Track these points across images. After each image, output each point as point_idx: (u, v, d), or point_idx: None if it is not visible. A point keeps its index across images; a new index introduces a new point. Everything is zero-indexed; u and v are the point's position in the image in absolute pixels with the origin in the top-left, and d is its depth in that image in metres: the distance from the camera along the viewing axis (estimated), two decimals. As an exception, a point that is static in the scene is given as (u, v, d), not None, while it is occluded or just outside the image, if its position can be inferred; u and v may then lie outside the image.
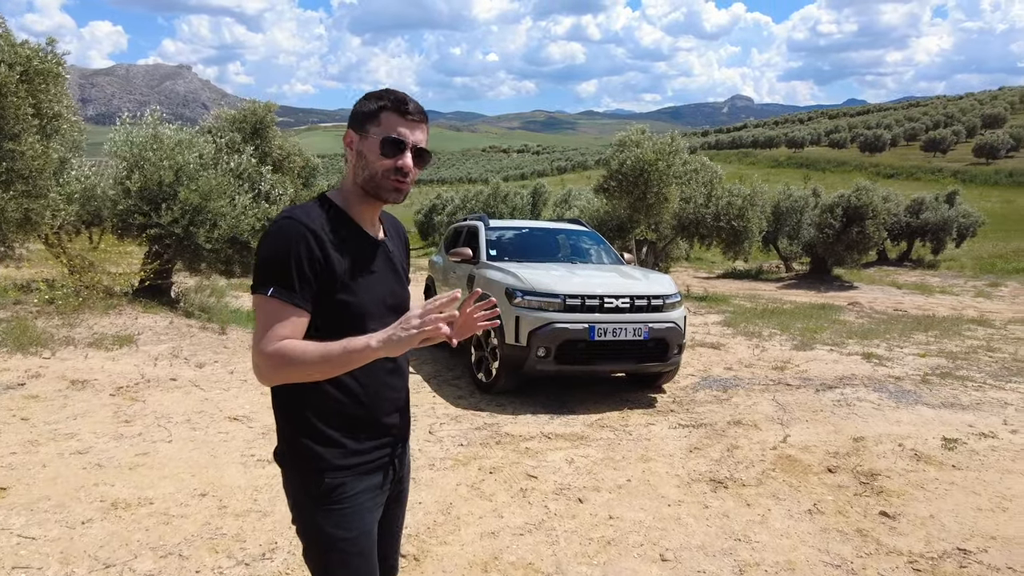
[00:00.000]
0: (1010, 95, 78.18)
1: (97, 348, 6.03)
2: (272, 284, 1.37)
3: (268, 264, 1.39)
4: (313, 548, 1.49)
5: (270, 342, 1.34)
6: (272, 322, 1.36)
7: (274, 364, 1.34)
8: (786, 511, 3.52)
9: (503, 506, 3.41)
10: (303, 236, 1.39)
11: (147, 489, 3.34)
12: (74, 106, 8.29)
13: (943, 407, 5.50)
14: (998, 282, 18.61)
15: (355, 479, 1.47)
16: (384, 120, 1.47)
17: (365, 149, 1.48)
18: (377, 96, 1.50)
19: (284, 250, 1.38)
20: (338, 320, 1.42)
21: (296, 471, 1.48)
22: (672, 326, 5.31)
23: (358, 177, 1.49)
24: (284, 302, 1.36)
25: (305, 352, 1.34)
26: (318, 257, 1.40)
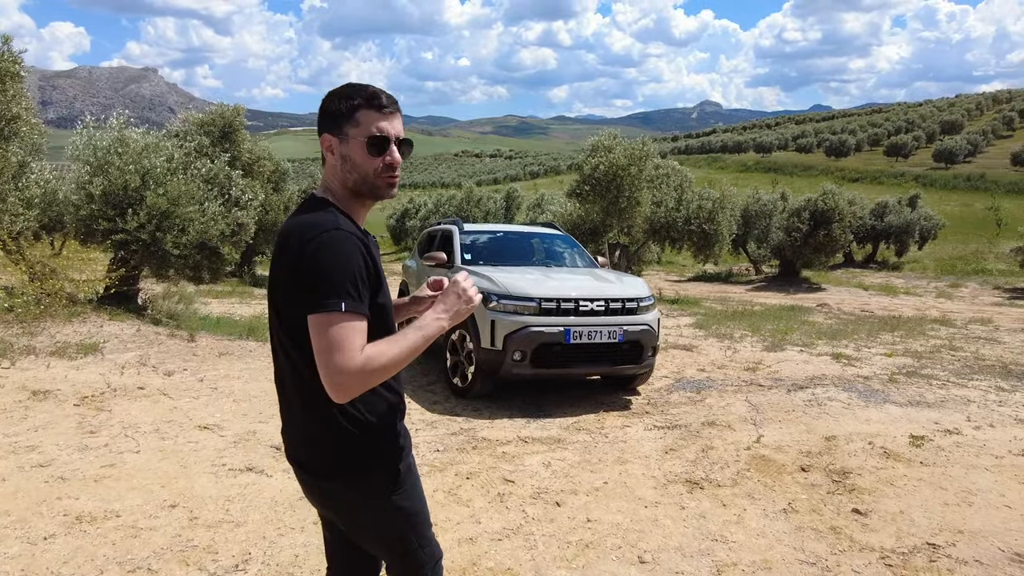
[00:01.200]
0: (967, 102, 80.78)
1: (60, 357, 5.86)
2: (344, 298, 1.34)
3: (334, 278, 1.35)
4: (398, 538, 1.55)
5: (355, 355, 1.33)
6: (350, 335, 1.33)
7: (366, 375, 1.33)
8: (761, 510, 3.55)
9: (480, 511, 3.39)
10: (357, 246, 1.39)
11: (114, 502, 3.24)
12: (34, 108, 8.06)
13: (910, 405, 5.62)
14: (958, 283, 19.16)
15: (408, 455, 1.59)
16: (362, 119, 1.45)
17: (349, 152, 1.46)
18: (347, 95, 1.47)
19: (345, 262, 1.36)
20: (377, 321, 1.44)
21: (367, 473, 1.50)
22: (646, 328, 5.34)
23: (347, 181, 1.48)
24: (356, 313, 1.35)
25: (390, 353, 1.36)
26: (370, 264, 1.42)
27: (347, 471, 1.50)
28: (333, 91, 1.49)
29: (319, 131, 1.50)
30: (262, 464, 3.86)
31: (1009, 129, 63.63)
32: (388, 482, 1.52)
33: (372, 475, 1.51)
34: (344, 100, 1.46)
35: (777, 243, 18.87)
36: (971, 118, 70.35)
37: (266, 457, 3.98)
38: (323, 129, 1.49)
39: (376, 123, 1.45)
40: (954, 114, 69.21)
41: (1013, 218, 28.72)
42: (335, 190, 1.50)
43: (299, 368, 1.46)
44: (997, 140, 59.65)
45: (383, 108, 1.46)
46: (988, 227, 30.33)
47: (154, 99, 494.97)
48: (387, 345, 1.37)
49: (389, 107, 1.48)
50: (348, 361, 1.31)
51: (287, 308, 1.43)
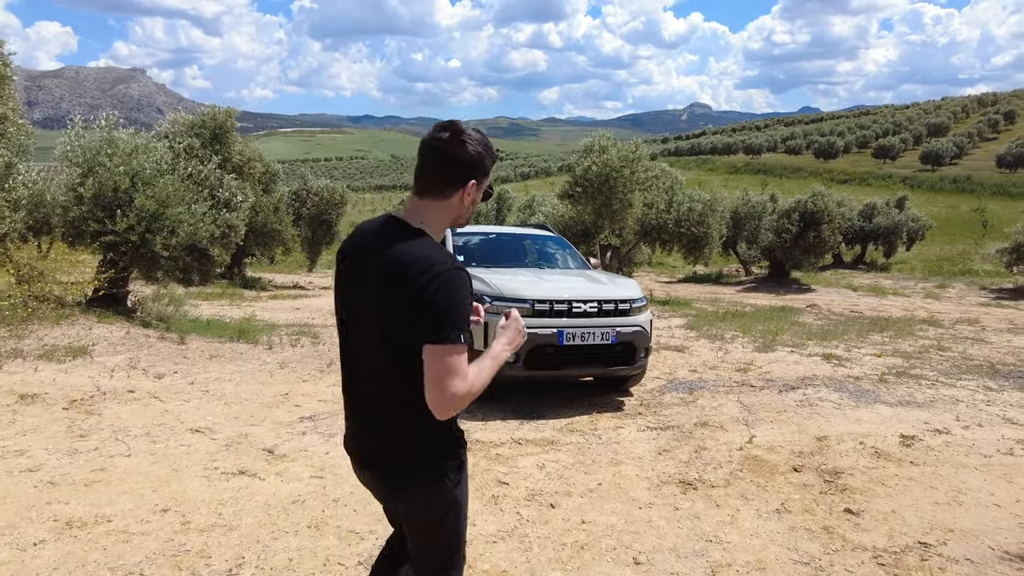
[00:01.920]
0: (952, 105, 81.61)
1: (48, 360, 5.80)
2: (459, 330, 1.51)
3: (456, 313, 1.52)
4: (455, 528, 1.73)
5: (466, 381, 1.52)
6: (463, 364, 1.51)
7: (469, 398, 1.54)
8: (755, 511, 3.57)
9: (475, 514, 3.38)
10: (467, 282, 1.58)
11: (104, 506, 3.20)
12: (20, 109, 7.98)
13: (900, 405, 5.67)
14: (945, 283, 19.35)
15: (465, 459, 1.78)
16: (489, 169, 1.68)
17: (476, 196, 1.67)
18: (491, 151, 1.68)
19: (464, 299, 1.55)
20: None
21: (439, 469, 1.68)
22: (639, 330, 5.36)
23: (459, 219, 1.69)
24: (465, 344, 1.53)
25: (481, 379, 1.57)
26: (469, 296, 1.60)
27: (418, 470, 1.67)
28: (479, 140, 1.64)
29: (464, 175, 1.62)
30: (255, 467, 3.83)
31: (994, 131, 64.32)
32: (456, 476, 1.71)
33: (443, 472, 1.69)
34: (485, 155, 1.65)
35: (767, 244, 18.99)
36: (957, 120, 71.08)
37: (259, 460, 3.95)
38: (472, 175, 1.63)
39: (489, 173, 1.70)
40: (940, 116, 69.90)
41: (998, 219, 29.03)
42: (438, 223, 1.65)
43: (396, 382, 1.61)
44: (982, 142, 60.29)
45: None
46: (974, 228, 30.66)
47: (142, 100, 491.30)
48: (477, 371, 1.56)
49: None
50: (461, 387, 1.51)
51: (399, 332, 1.56)
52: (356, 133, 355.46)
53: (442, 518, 1.72)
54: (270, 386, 5.80)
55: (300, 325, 9.11)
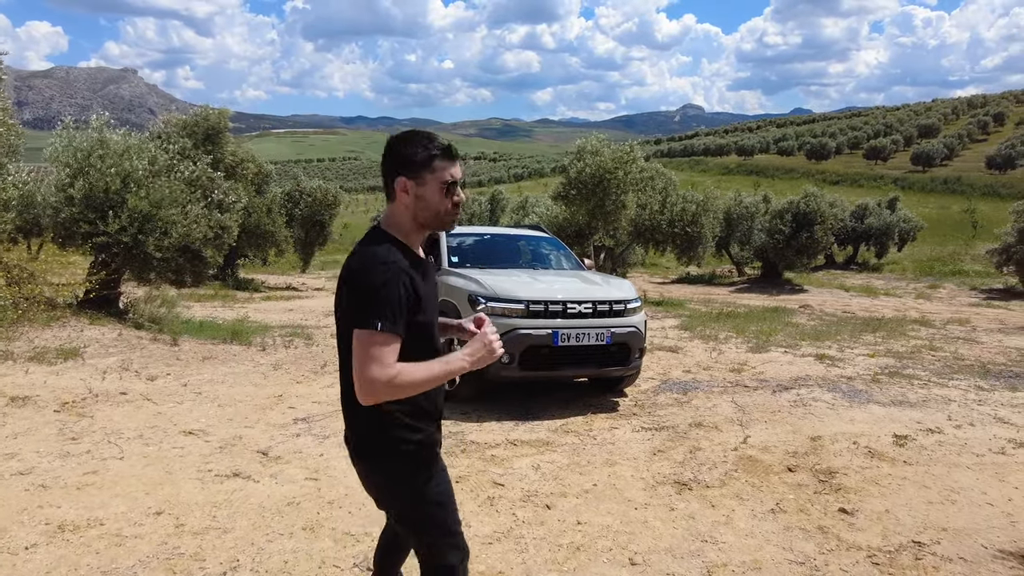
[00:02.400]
0: (943, 107, 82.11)
1: (39, 362, 5.75)
2: (382, 319, 1.60)
3: (379, 302, 1.62)
4: (428, 517, 1.80)
5: (387, 369, 1.59)
6: (385, 352, 1.60)
7: (392, 388, 1.60)
8: (750, 511, 3.58)
9: (471, 515, 3.37)
10: (401, 278, 1.64)
11: (97, 509, 3.18)
12: (10, 108, 7.92)
13: (893, 405, 5.70)
14: (936, 284, 19.48)
15: (438, 454, 1.84)
16: (438, 166, 1.72)
17: (425, 193, 1.72)
18: (423, 144, 1.73)
19: (392, 293, 1.62)
20: (417, 336, 1.70)
21: (403, 460, 1.76)
22: (634, 330, 5.36)
23: (419, 216, 1.74)
24: (390, 333, 1.61)
25: (415, 375, 1.63)
26: (410, 292, 1.67)
27: (380, 460, 1.76)
28: (408, 138, 1.74)
29: (392, 173, 1.73)
30: (249, 470, 3.81)
31: (984, 133, 64.77)
32: (423, 470, 1.77)
33: (407, 463, 1.76)
34: (422, 148, 1.72)
35: (760, 245, 19.05)
36: (947, 122, 71.53)
37: (252, 463, 3.93)
38: (398, 172, 1.72)
39: (449, 170, 1.74)
40: (931, 118, 70.32)
41: (988, 220, 29.24)
42: (402, 223, 1.76)
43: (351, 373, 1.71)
44: (972, 144, 60.70)
45: (454, 158, 1.75)
46: (964, 229, 30.87)
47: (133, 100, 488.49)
48: (414, 368, 1.63)
49: (456, 155, 1.77)
50: (379, 373, 1.59)
51: (344, 323, 1.70)
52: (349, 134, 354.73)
53: (412, 506, 1.79)
54: (264, 388, 5.77)
55: (293, 326, 9.08)
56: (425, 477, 1.78)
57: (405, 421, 1.75)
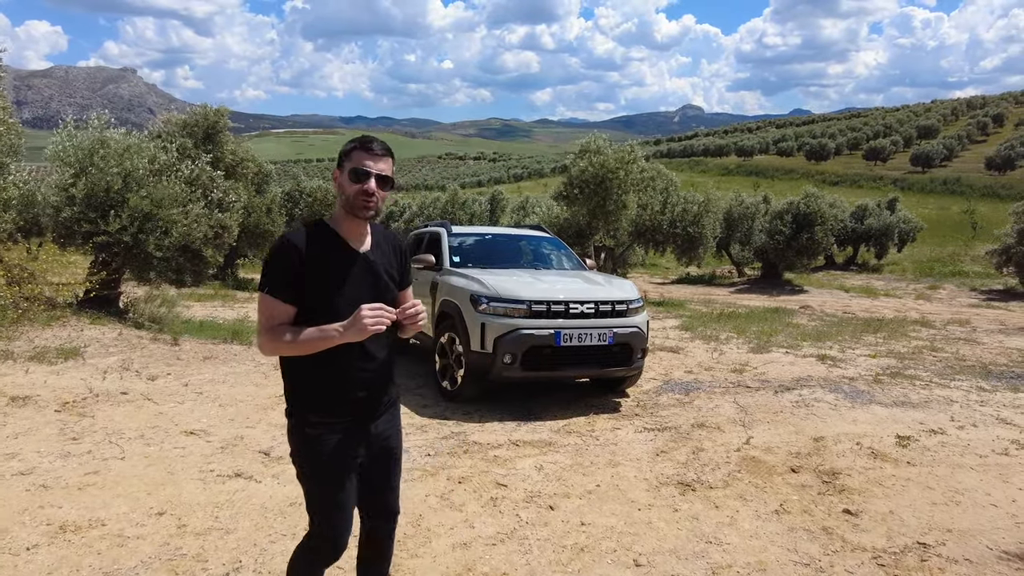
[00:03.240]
0: (942, 108, 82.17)
1: (39, 362, 5.73)
2: (267, 285, 1.88)
3: (264, 271, 1.91)
4: (303, 479, 2.01)
5: (264, 327, 1.88)
6: (268, 311, 1.88)
7: (272, 344, 1.87)
8: (754, 512, 3.57)
9: (474, 516, 3.36)
10: (283, 251, 1.89)
11: (98, 510, 3.16)
12: (10, 107, 7.90)
13: (895, 406, 5.69)
14: (936, 284, 19.47)
15: (328, 433, 1.95)
16: (354, 156, 1.93)
17: (342, 180, 1.94)
18: (351, 140, 1.97)
19: (271, 261, 1.90)
20: (317, 314, 1.88)
21: (293, 423, 1.99)
22: (636, 331, 5.35)
23: (341, 203, 1.95)
24: (275, 298, 1.88)
25: (289, 336, 1.85)
26: (296, 266, 1.88)
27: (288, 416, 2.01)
28: (351, 139, 1.99)
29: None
30: (251, 470, 3.80)
31: (983, 134, 64.83)
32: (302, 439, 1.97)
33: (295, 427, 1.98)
34: (348, 144, 1.96)
35: (760, 246, 19.04)
36: (947, 123, 71.59)
37: (255, 463, 3.92)
38: (337, 166, 1.98)
39: (363, 160, 1.92)
40: (930, 119, 70.36)
41: (988, 221, 29.25)
42: (337, 211, 1.98)
43: None
44: (972, 145, 60.74)
45: (371, 151, 1.93)
46: (964, 230, 30.87)
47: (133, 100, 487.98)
48: (295, 332, 1.86)
49: (377, 151, 1.94)
50: (259, 328, 1.90)
51: None
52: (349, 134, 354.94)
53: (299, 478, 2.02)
54: (265, 388, 5.76)
55: (294, 326, 9.03)
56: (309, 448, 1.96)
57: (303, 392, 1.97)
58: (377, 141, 1.96)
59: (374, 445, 2.06)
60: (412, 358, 7.50)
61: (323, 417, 1.95)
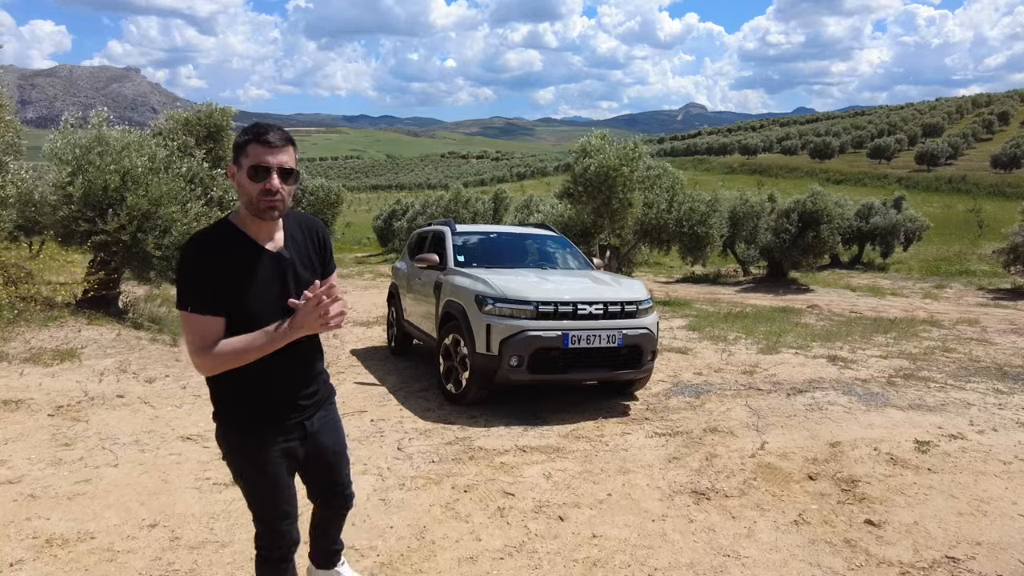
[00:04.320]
0: (946, 106, 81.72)
1: (34, 364, 5.61)
2: (190, 302, 1.73)
3: (182, 284, 1.75)
4: (237, 482, 1.99)
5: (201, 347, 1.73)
6: (198, 328, 1.72)
7: (207, 365, 1.76)
8: (772, 523, 3.42)
9: (480, 527, 3.22)
10: (198, 260, 1.75)
11: (88, 521, 3.02)
12: (9, 104, 7.79)
13: (911, 409, 5.53)
14: (943, 284, 19.25)
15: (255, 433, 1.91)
16: (250, 151, 1.74)
17: (240, 178, 1.76)
18: (244, 131, 1.78)
19: (190, 273, 1.74)
20: (234, 322, 1.76)
21: (220, 428, 1.94)
22: (646, 332, 5.20)
23: (241, 201, 1.80)
24: (203, 314, 1.73)
25: (232, 345, 1.74)
26: (213, 273, 1.74)
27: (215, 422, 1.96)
28: (242, 130, 1.80)
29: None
30: (248, 478, 3.65)
31: (989, 132, 64.42)
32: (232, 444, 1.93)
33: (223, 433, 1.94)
34: (241, 136, 1.77)
35: (765, 244, 18.84)
36: (951, 121, 71.19)
37: (252, 470, 3.78)
38: (232, 160, 1.81)
39: (262, 156, 1.74)
40: (935, 117, 69.97)
41: (994, 220, 29.03)
42: (240, 210, 1.84)
43: None
44: (977, 143, 60.36)
45: (269, 143, 1.74)
46: (970, 229, 30.65)
47: (136, 99, 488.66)
48: (236, 340, 1.74)
49: (276, 142, 1.75)
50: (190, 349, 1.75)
51: None
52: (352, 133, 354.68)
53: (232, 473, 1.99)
54: (264, 390, 5.61)
55: (295, 326, 8.91)
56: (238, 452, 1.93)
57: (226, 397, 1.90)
58: (273, 130, 1.78)
59: (310, 444, 2.03)
60: (416, 359, 7.36)
61: (248, 417, 1.91)
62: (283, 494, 1.97)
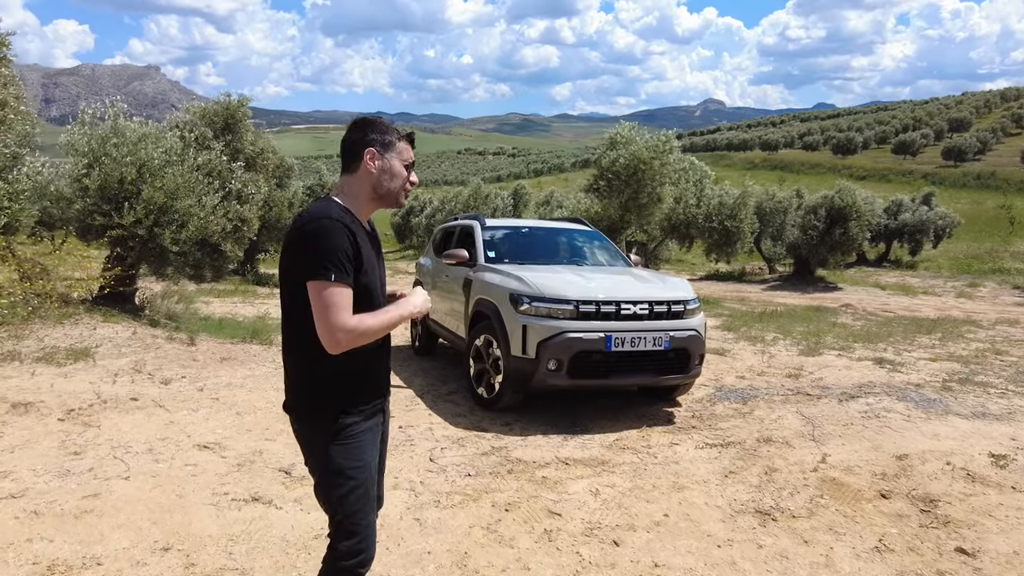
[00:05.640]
0: (973, 100, 79.97)
1: (47, 363, 5.36)
2: (331, 270, 1.69)
3: (324, 253, 1.70)
4: (331, 484, 1.81)
5: (348, 318, 1.70)
6: (340, 297, 1.69)
7: (355, 336, 1.71)
8: (850, 549, 3.06)
9: (528, 554, 2.88)
10: (343, 231, 1.74)
11: (95, 544, 2.73)
12: (25, 96, 7.57)
13: (975, 417, 5.13)
14: (976, 282, 18.63)
15: (363, 421, 1.86)
16: (401, 148, 1.91)
17: (392, 168, 1.89)
18: (394, 129, 1.92)
19: (333, 244, 1.71)
20: (360, 297, 1.76)
21: (314, 416, 1.84)
22: (694, 334, 4.83)
23: (380, 188, 1.88)
24: (344, 284, 1.71)
25: (374, 323, 1.75)
26: (354, 247, 1.76)
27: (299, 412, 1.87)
28: (380, 122, 1.92)
29: (362, 145, 1.87)
30: (270, 492, 3.35)
31: (1018, 127, 62.85)
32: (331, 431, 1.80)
33: (318, 420, 1.82)
34: (393, 133, 1.91)
35: (792, 241, 18.32)
36: (979, 116, 69.57)
37: (274, 483, 3.48)
38: (369, 144, 1.87)
39: (410, 153, 1.94)
40: (962, 111, 68.43)
41: (1027, 216, 28.17)
42: (358, 193, 1.88)
43: (288, 327, 1.84)
44: (1006, 138, 58.91)
45: (413, 145, 1.95)
46: (1001, 225, 29.80)
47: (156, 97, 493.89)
48: (371, 316, 1.75)
49: (414, 145, 1.96)
50: (344, 320, 1.69)
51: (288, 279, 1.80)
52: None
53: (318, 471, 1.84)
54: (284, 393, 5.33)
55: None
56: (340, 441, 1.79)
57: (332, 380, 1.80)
58: (413, 132, 1.98)
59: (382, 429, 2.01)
60: (442, 360, 7.05)
61: (358, 401, 1.85)
62: (373, 492, 1.90)
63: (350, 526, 1.81)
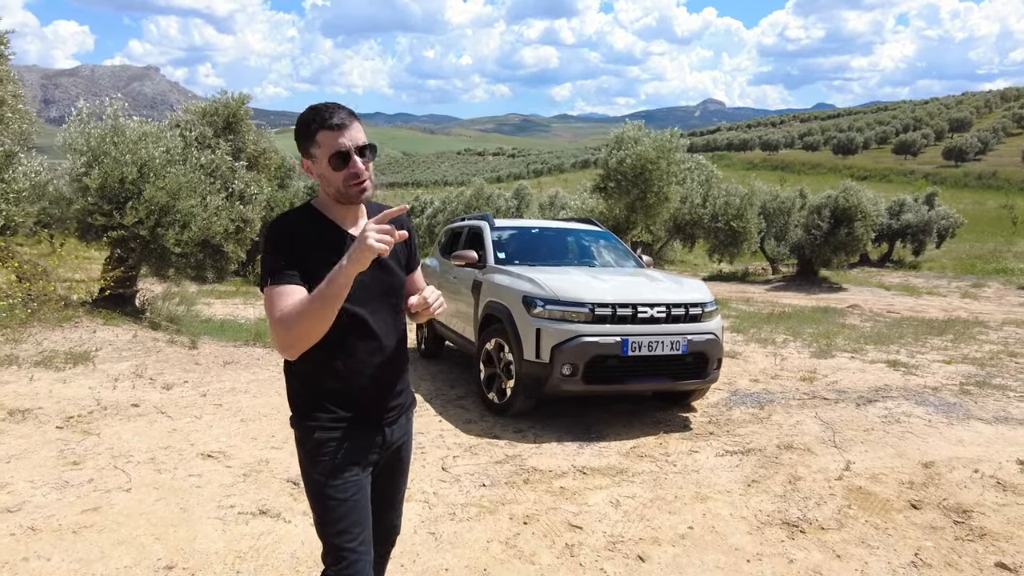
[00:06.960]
0: (974, 100, 79.98)
1: (46, 368, 5.23)
2: (268, 275, 1.62)
3: (264, 263, 1.65)
4: (312, 496, 1.73)
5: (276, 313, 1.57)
6: (278, 300, 1.58)
7: (285, 327, 1.55)
8: (886, 564, 2.92)
9: (550, 570, 2.74)
10: (282, 236, 1.65)
11: (95, 562, 2.58)
12: (22, 94, 7.42)
13: (998, 422, 5.00)
14: (980, 283, 18.52)
15: (338, 433, 1.71)
16: (321, 140, 1.63)
17: (321, 170, 1.66)
18: (306, 121, 1.65)
19: (270, 247, 1.64)
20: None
21: (296, 428, 1.75)
22: (712, 338, 4.69)
23: (328, 192, 1.70)
24: (285, 284, 1.59)
25: (301, 303, 1.55)
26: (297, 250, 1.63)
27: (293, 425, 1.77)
28: (301, 120, 1.67)
29: (301, 154, 1.71)
30: (278, 505, 3.21)
31: (1019, 127, 62.87)
32: (308, 447, 1.71)
33: (300, 435, 1.74)
34: (305, 126, 1.65)
35: (796, 241, 18.19)
36: (980, 116, 69.59)
37: (282, 495, 3.33)
38: (302, 153, 1.69)
39: (336, 140, 1.62)
40: (962, 112, 68.43)
41: (1030, 216, 28.07)
42: (322, 197, 1.75)
43: None
44: (1007, 138, 58.92)
45: (336, 127, 1.62)
46: (1003, 225, 29.74)
47: (156, 97, 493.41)
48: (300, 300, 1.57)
49: (342, 122, 1.63)
50: (271, 319, 1.59)
51: None
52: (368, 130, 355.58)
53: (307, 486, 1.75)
54: (290, 398, 5.19)
55: (319, 327, 8.49)
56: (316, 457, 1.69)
57: (309, 394, 1.72)
58: (335, 109, 1.64)
59: (388, 453, 1.83)
60: (448, 363, 6.91)
61: (331, 414, 1.70)
62: (364, 510, 1.74)
63: (332, 550, 1.70)
